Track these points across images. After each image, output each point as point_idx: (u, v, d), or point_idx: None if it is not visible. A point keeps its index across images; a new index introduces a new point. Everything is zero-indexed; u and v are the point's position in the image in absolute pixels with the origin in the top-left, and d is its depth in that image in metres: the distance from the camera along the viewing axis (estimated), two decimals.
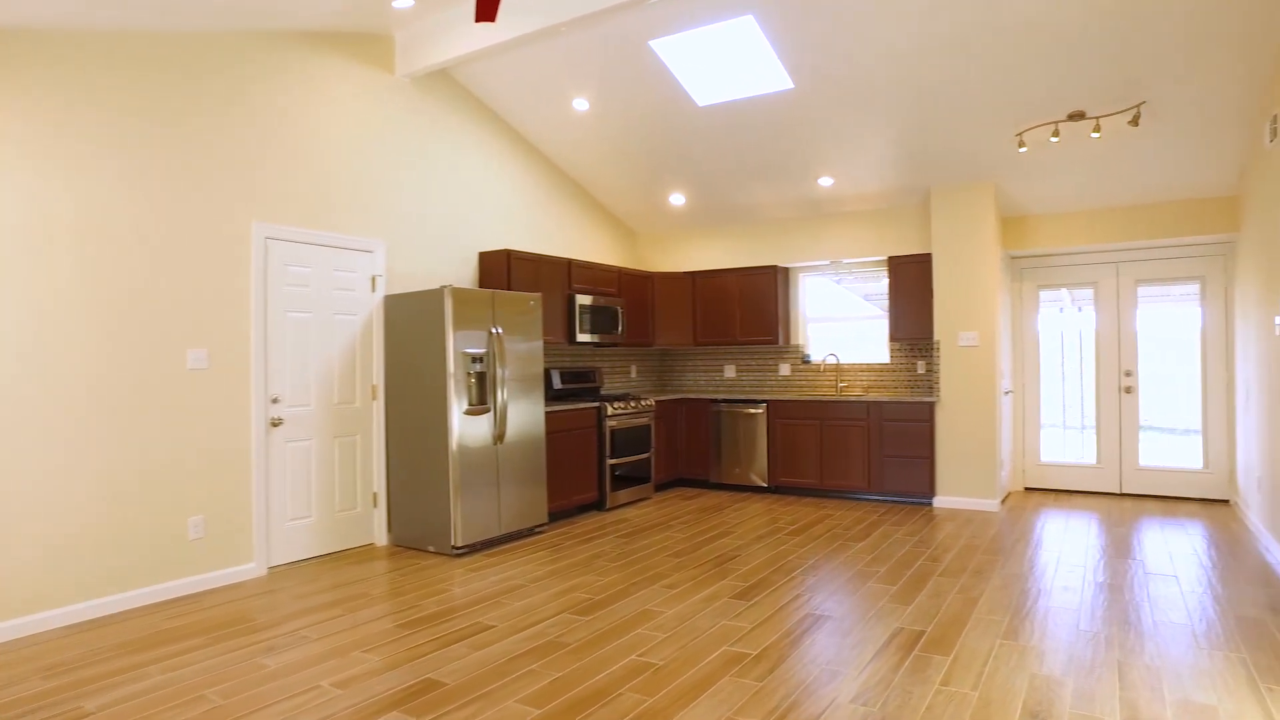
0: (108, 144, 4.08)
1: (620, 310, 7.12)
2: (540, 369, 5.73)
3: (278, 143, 4.85)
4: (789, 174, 6.60)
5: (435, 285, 5.84)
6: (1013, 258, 7.11)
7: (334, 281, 5.18)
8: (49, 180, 3.86)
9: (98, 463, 4.01)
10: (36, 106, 3.82)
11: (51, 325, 3.86)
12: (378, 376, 5.43)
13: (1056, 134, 5.22)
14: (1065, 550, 4.97)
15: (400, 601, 4.17)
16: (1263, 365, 5.07)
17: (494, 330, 5.35)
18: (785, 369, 7.67)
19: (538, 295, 5.73)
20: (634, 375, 8.07)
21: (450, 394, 5.06)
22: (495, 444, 5.35)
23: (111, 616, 3.99)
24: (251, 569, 4.66)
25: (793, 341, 7.64)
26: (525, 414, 5.60)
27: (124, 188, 4.14)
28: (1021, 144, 5.42)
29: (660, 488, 7.53)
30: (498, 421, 5.36)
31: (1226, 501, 6.42)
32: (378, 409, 5.43)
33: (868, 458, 6.65)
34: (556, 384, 6.77)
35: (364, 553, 5.24)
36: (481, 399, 5.27)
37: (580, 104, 5.96)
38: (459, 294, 5.11)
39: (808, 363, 7.55)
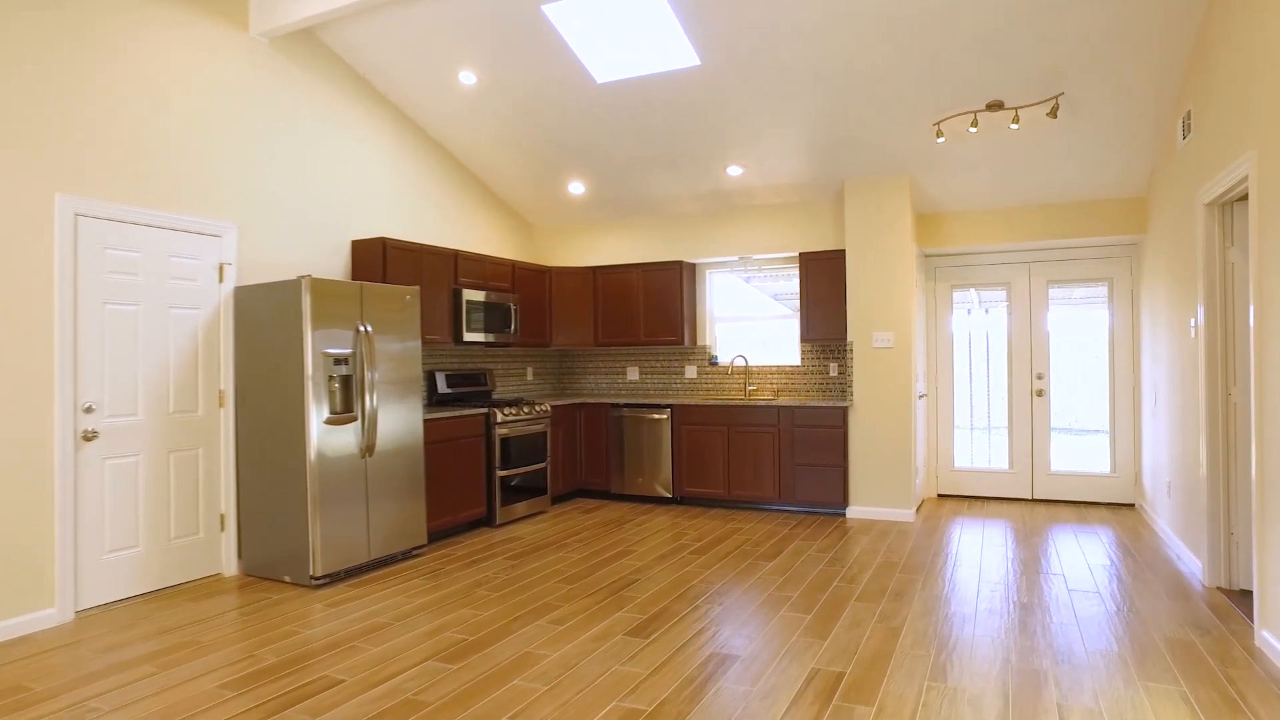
0: None
1: (514, 307, 6.53)
2: (419, 371, 5.09)
3: (98, 104, 4.06)
4: (696, 162, 6.16)
5: (324, 277, 5.11)
6: (927, 256, 6.90)
7: (171, 269, 4.41)
8: None
9: None
10: None
11: None
12: (226, 380, 4.67)
13: (975, 124, 4.95)
14: (985, 565, 4.69)
15: (234, 651, 3.48)
16: (1174, 367, 4.94)
17: (362, 328, 4.68)
18: (691, 371, 7.25)
19: (415, 289, 5.09)
20: (530, 378, 7.48)
21: (308, 400, 4.37)
22: (363, 456, 4.68)
23: None
24: (51, 615, 3.85)
25: (699, 342, 7.22)
26: (400, 422, 4.95)
27: None
28: (939, 134, 5.14)
29: (558, 500, 6.97)
30: (366, 431, 4.70)
31: (1132, 505, 6.35)
32: (226, 418, 4.67)
33: (778, 466, 6.29)
34: (442, 388, 6.13)
35: (208, 586, 4.49)
36: (347, 406, 4.59)
37: (467, 77, 5.35)
38: (320, 286, 4.43)
39: (715, 364, 7.15)
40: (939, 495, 6.93)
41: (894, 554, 5.00)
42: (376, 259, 5.41)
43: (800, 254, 6.43)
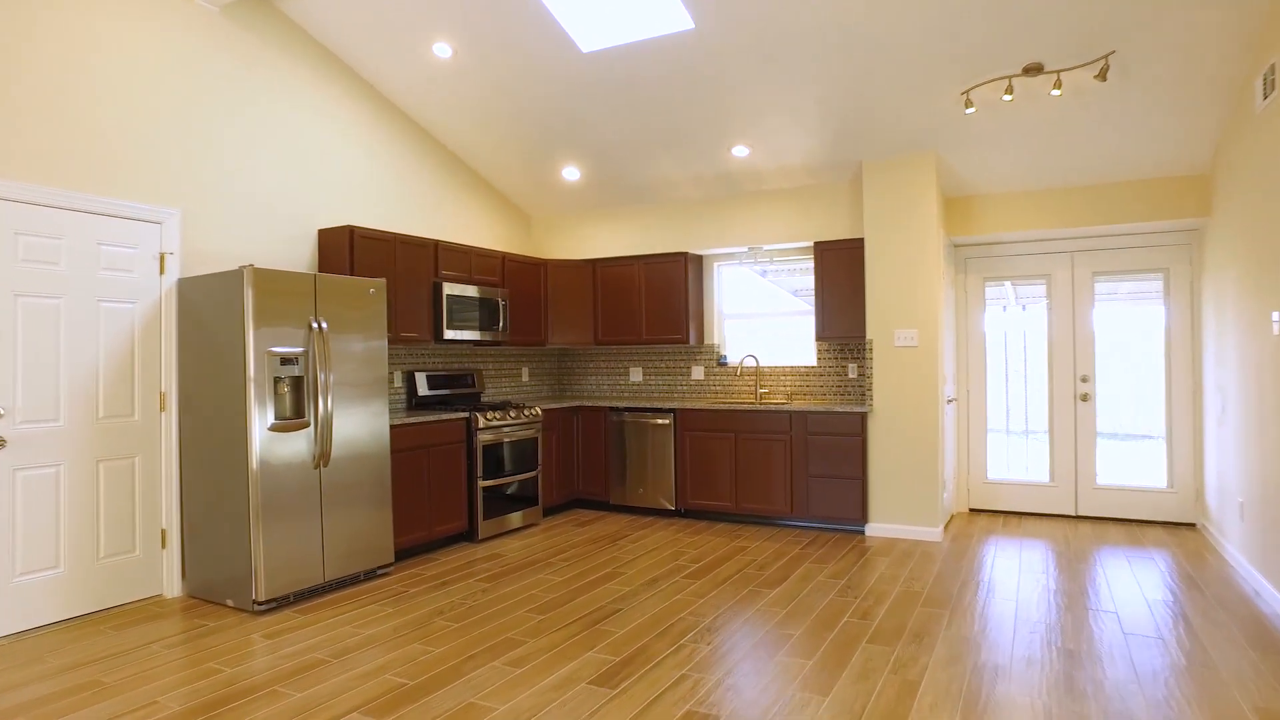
0: None
1: (502, 303, 6.01)
2: (384, 372, 4.60)
3: (13, 77, 3.62)
4: (698, 142, 5.59)
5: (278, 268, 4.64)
6: (956, 246, 6.25)
7: (102, 259, 3.96)
8: None
9: None
10: None
11: None
12: (168, 381, 4.22)
13: (1010, 91, 4.32)
14: (1022, 598, 4.06)
15: (134, 696, 3.00)
16: (1248, 370, 4.25)
17: (315, 324, 4.20)
18: (698, 372, 6.67)
19: (381, 281, 4.59)
20: (526, 379, 6.97)
21: (250, 404, 3.89)
22: (317, 466, 4.20)
23: None
24: None
25: (707, 341, 6.65)
26: (362, 428, 4.45)
27: None
28: (968, 104, 4.51)
29: (552, 511, 6.44)
30: (320, 438, 4.21)
31: (1194, 525, 5.64)
32: (168, 423, 4.22)
33: (790, 477, 5.69)
34: (422, 390, 5.63)
35: (143, 610, 4.03)
36: (298, 410, 4.11)
37: (442, 49, 4.84)
38: (264, 277, 3.95)
39: (724, 365, 6.57)
40: (970, 510, 6.27)
41: (916, 581, 4.38)
42: (343, 249, 4.93)
43: (815, 244, 5.83)
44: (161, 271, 4.19)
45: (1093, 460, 5.87)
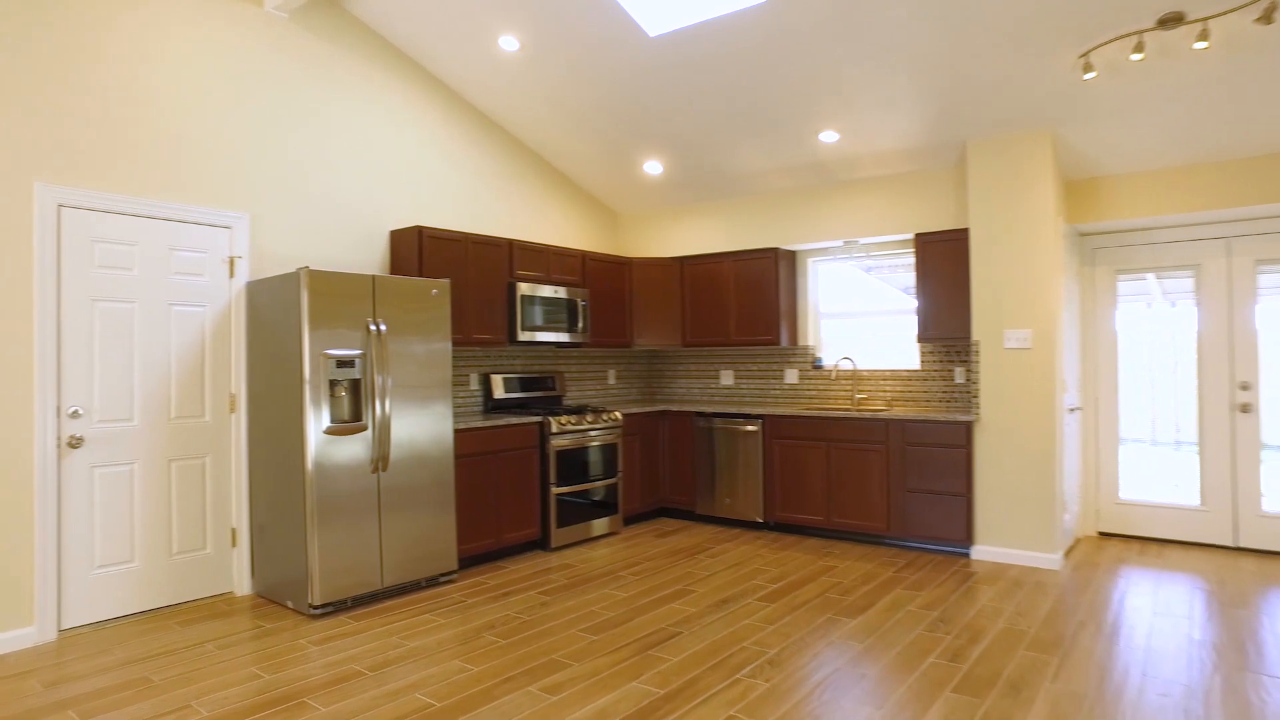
0: None
1: (582, 303, 5.82)
2: (447, 375, 4.50)
3: (91, 87, 3.75)
4: (782, 128, 5.19)
5: (345, 271, 4.67)
6: (1081, 235, 5.52)
7: (174, 264, 4.06)
8: None
9: None
10: None
11: None
12: (237, 383, 4.29)
13: (1140, 49, 3.68)
14: (1156, 648, 3.43)
15: (172, 699, 2.99)
16: None
17: (373, 326, 4.14)
18: (792, 376, 6.24)
19: (444, 282, 4.49)
20: (612, 382, 6.76)
21: (306, 407, 3.87)
22: (375, 471, 4.14)
23: None
24: (29, 634, 3.55)
25: (801, 342, 6.20)
26: (423, 432, 4.37)
27: None
28: (1088, 68, 3.90)
29: (635, 519, 6.19)
30: (378, 442, 4.14)
31: None
32: (238, 424, 4.29)
33: (887, 491, 5.18)
34: (499, 393, 5.53)
35: (212, 607, 4.10)
36: (355, 414, 4.06)
37: (508, 42, 4.70)
38: (319, 279, 3.92)
39: (819, 368, 6.10)
40: (1099, 534, 5.51)
41: (1023, 617, 3.81)
42: (412, 250, 4.88)
43: (915, 235, 5.29)
44: (231, 275, 4.26)
45: (1257, 481, 5.00)
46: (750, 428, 5.79)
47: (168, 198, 4.02)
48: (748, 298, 6.09)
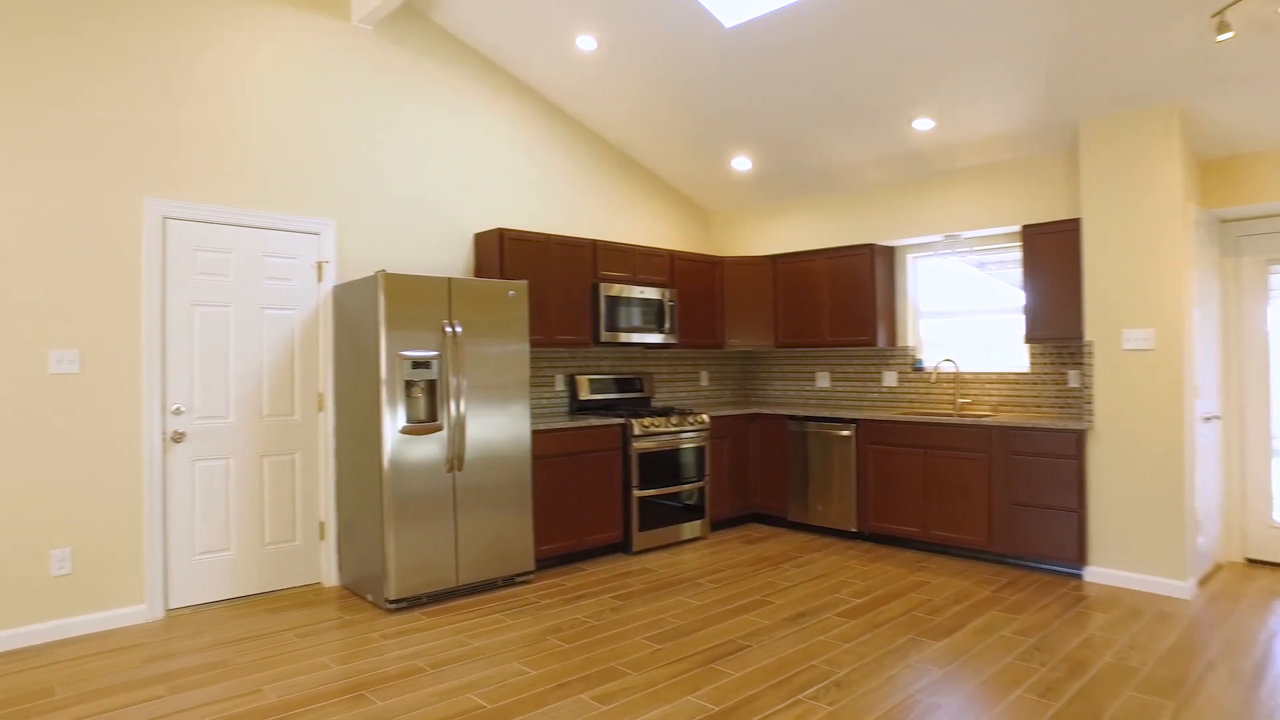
0: None
1: (670, 304, 5.73)
2: (524, 375, 4.52)
3: (189, 104, 4.02)
4: (871, 117, 4.90)
5: (426, 274, 4.81)
6: (1222, 221, 4.90)
7: (265, 269, 4.28)
8: None
9: None
10: None
11: None
12: (325, 383, 4.48)
13: None
14: None
15: (249, 681, 3.14)
16: None
17: (449, 328, 4.21)
18: (890, 378, 5.90)
19: (521, 283, 4.52)
20: (704, 384, 6.63)
21: (382, 407, 3.98)
22: (450, 470, 4.20)
23: None
24: (141, 612, 3.84)
25: (900, 342, 5.86)
26: (499, 433, 4.40)
27: None
28: (1222, 28, 3.44)
29: (723, 525, 6.03)
30: (453, 442, 4.21)
31: None
32: (325, 422, 4.48)
33: (989, 503, 4.79)
34: (584, 394, 5.53)
35: (300, 596, 4.30)
36: (431, 414, 4.15)
37: (586, 42, 4.68)
38: (395, 282, 4.02)
39: (919, 370, 5.74)
40: (1247, 561, 4.88)
41: (1138, 651, 3.40)
42: (494, 252, 4.95)
43: (1023, 227, 4.87)
44: (319, 279, 4.45)
45: None
46: (844, 432, 5.52)
47: (260, 207, 4.25)
48: (842, 296, 5.81)
